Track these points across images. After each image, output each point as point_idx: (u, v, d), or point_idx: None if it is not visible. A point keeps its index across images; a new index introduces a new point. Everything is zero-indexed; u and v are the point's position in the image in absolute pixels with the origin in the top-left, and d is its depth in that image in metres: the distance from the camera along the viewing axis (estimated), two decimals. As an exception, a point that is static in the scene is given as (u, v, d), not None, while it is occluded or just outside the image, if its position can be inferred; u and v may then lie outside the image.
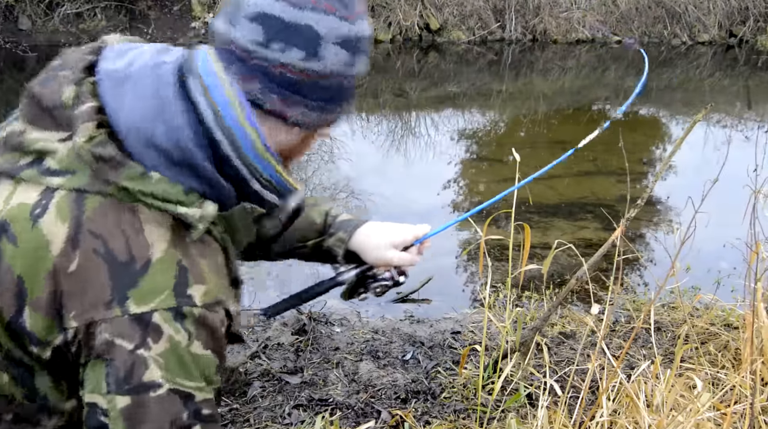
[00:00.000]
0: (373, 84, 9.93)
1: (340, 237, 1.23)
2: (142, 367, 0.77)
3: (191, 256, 0.81)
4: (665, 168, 2.18)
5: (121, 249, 0.77)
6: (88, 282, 0.77)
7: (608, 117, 8.73)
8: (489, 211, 5.53)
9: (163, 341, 0.77)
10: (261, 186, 0.87)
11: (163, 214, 0.80)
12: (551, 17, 13.33)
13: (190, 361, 0.79)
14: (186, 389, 0.80)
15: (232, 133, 0.81)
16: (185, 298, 0.79)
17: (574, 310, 3.44)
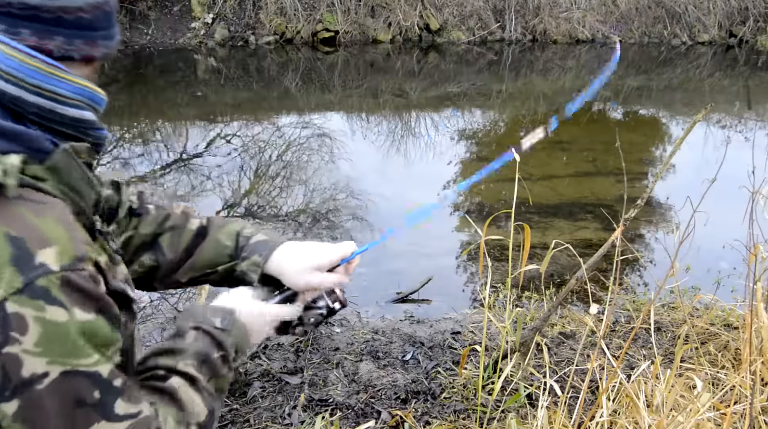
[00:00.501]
0: (373, 84, 9.93)
1: (254, 261, 1.09)
2: (15, 364, 0.67)
3: (22, 221, 0.70)
4: (665, 168, 2.18)
5: None
6: None
7: (608, 116, 8.73)
8: (489, 211, 5.53)
9: (32, 328, 0.67)
10: (70, 107, 0.78)
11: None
12: (551, 17, 13.34)
13: (75, 336, 0.70)
14: (82, 368, 0.71)
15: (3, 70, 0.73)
16: (35, 270, 0.68)
17: (574, 311, 3.44)
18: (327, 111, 8.41)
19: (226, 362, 0.94)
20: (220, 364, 0.93)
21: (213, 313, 0.97)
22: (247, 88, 9.42)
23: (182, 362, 0.89)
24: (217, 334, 0.94)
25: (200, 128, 7.21)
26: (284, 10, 11.84)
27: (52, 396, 0.69)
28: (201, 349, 0.91)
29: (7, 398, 0.67)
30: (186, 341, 0.92)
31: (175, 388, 0.86)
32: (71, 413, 0.70)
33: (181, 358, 0.89)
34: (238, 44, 11.57)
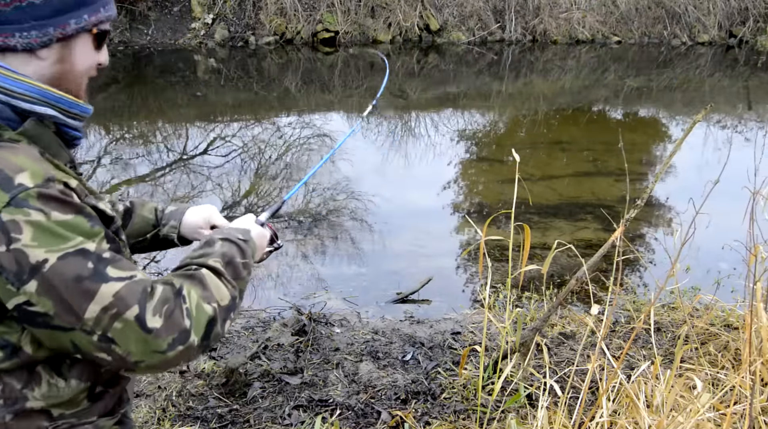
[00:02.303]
0: (372, 84, 9.93)
1: (172, 225, 1.42)
2: (24, 255, 0.89)
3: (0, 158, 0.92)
4: (665, 168, 2.18)
5: None
6: None
7: (608, 116, 8.74)
8: (489, 211, 5.53)
9: (25, 228, 0.89)
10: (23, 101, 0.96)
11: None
12: (551, 18, 13.34)
13: (58, 228, 0.91)
14: (72, 249, 0.92)
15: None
16: (15, 188, 0.90)
17: (574, 311, 3.44)
18: (327, 111, 8.41)
19: (246, 268, 1.16)
20: (241, 268, 1.14)
21: (236, 230, 1.22)
22: (247, 88, 9.42)
23: (212, 259, 1.10)
24: (241, 244, 1.17)
25: (200, 128, 7.22)
26: (284, 11, 11.85)
27: (57, 275, 0.90)
28: (227, 252, 1.13)
29: (27, 280, 0.89)
30: (215, 247, 1.14)
31: (203, 274, 1.06)
32: (76, 285, 0.91)
33: (210, 257, 1.11)
34: (238, 44, 11.57)
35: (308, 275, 3.94)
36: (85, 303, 0.91)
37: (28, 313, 0.91)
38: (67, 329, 0.92)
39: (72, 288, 0.90)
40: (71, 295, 0.90)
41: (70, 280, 0.90)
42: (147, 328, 0.93)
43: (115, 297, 0.92)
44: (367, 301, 3.60)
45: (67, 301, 0.90)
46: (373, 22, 12.33)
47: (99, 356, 0.94)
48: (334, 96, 9.19)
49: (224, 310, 1.04)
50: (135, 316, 0.93)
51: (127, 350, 0.93)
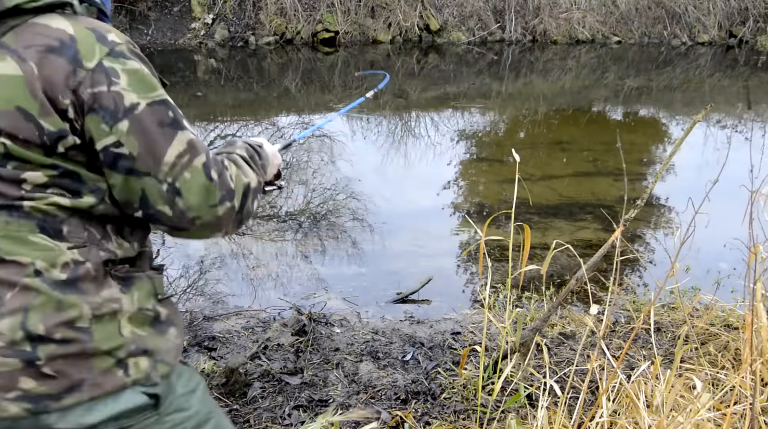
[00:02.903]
0: (372, 85, 9.93)
1: None
2: (121, 97, 1.03)
3: (89, 22, 1.07)
4: (665, 168, 2.18)
5: (51, 41, 1.02)
6: (51, 72, 1.01)
7: (608, 117, 8.74)
8: (489, 211, 5.53)
9: (122, 74, 1.04)
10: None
11: (48, 13, 1.05)
12: (551, 18, 13.34)
13: (146, 78, 1.06)
14: (158, 98, 1.07)
15: None
16: (110, 42, 1.05)
17: (574, 311, 3.44)
18: (327, 111, 8.41)
19: (264, 169, 1.31)
20: (260, 167, 1.28)
21: (251, 140, 1.34)
22: (248, 88, 9.42)
23: (237, 150, 1.25)
24: (258, 149, 1.31)
25: (200, 128, 7.22)
26: (284, 11, 11.85)
27: (146, 117, 1.05)
28: (248, 149, 1.27)
29: (121, 119, 1.03)
30: (237, 145, 1.27)
31: (234, 156, 1.21)
32: (160, 128, 1.06)
33: (235, 149, 1.26)
34: (238, 45, 11.57)
35: (308, 275, 3.94)
36: (165, 146, 1.05)
37: (114, 154, 1.04)
38: (143, 174, 1.05)
39: (157, 131, 1.05)
40: (156, 136, 1.04)
41: (156, 123, 1.05)
42: (210, 176, 1.08)
43: (189, 143, 1.07)
44: (367, 301, 3.60)
45: (152, 141, 1.04)
46: (373, 22, 12.33)
47: (160, 210, 1.08)
48: (334, 96, 9.19)
49: (253, 190, 1.19)
50: (203, 164, 1.08)
51: (188, 203, 1.07)
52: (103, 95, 1.02)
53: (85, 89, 1.02)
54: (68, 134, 1.03)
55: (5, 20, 1.03)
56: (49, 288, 1.03)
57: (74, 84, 1.01)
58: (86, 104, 1.02)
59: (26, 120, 1.01)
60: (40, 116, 1.01)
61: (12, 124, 1.01)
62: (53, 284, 1.04)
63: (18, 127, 1.01)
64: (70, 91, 1.01)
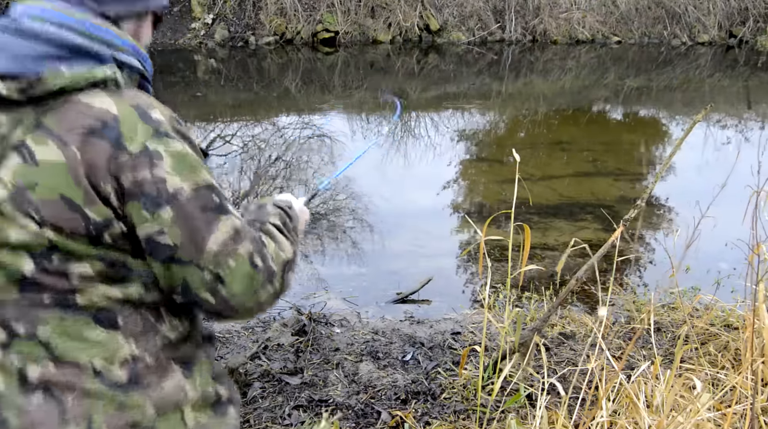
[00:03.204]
0: (373, 85, 9.94)
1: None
2: (164, 182, 0.97)
3: (133, 97, 1.02)
4: (665, 169, 2.18)
5: (93, 123, 0.97)
6: (94, 156, 0.96)
7: (607, 117, 8.73)
8: (489, 211, 5.53)
9: (166, 157, 0.98)
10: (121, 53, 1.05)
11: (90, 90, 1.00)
12: (551, 18, 13.34)
13: (190, 160, 1.00)
14: (203, 182, 1.01)
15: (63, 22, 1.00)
16: (155, 122, 0.99)
17: (574, 311, 3.44)
18: (327, 111, 8.41)
19: (296, 232, 1.23)
20: (292, 230, 1.21)
21: (280, 201, 1.28)
22: (247, 88, 9.42)
23: (271, 218, 1.18)
24: (289, 211, 1.24)
25: (200, 129, 7.21)
26: (284, 11, 11.85)
27: (190, 203, 0.98)
28: (280, 215, 1.21)
29: (163, 206, 0.97)
30: (268, 209, 1.22)
31: (270, 228, 1.15)
32: (204, 214, 0.99)
33: (268, 216, 1.19)
34: (238, 45, 11.57)
35: (308, 275, 3.94)
36: (209, 233, 0.99)
37: (156, 244, 0.99)
38: (185, 262, 0.99)
39: (200, 217, 0.99)
40: (199, 223, 0.99)
41: (200, 209, 0.99)
42: (255, 264, 1.03)
43: (233, 230, 1.02)
44: (367, 301, 3.60)
45: (195, 229, 0.98)
46: (373, 22, 12.33)
47: (203, 297, 1.02)
48: (334, 96, 9.19)
49: (291, 262, 1.13)
50: (248, 252, 1.02)
51: (231, 292, 1.01)
52: (145, 181, 0.96)
53: (127, 174, 0.96)
54: (113, 222, 0.98)
55: (47, 100, 0.98)
56: (110, 390, 1.01)
57: (116, 169, 0.96)
58: (127, 190, 0.97)
59: (71, 210, 0.96)
60: (85, 205, 0.97)
61: (57, 214, 0.96)
62: (114, 386, 1.01)
63: (63, 218, 0.97)
64: (112, 177, 0.96)
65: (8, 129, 0.98)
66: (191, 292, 1.02)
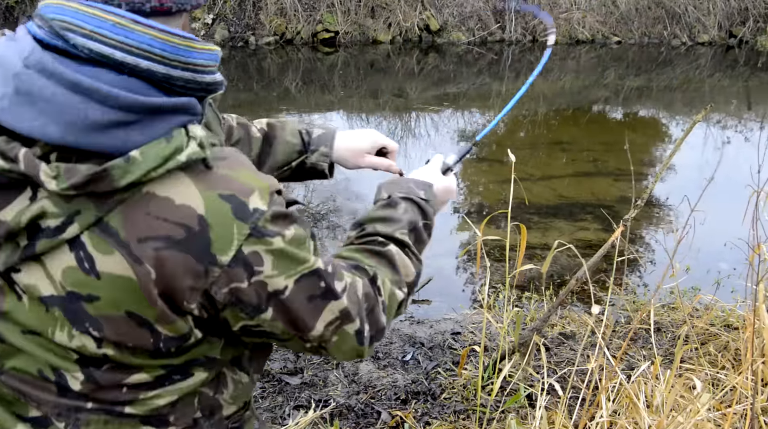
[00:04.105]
0: (373, 85, 9.94)
1: (323, 152, 1.29)
2: (264, 286, 0.82)
3: (225, 180, 0.80)
4: (665, 169, 2.18)
5: (173, 230, 0.76)
6: (176, 274, 0.78)
7: (607, 117, 8.73)
8: (489, 211, 5.53)
9: (266, 258, 0.81)
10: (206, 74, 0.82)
11: (170, 175, 0.77)
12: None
13: (292, 249, 0.83)
14: (307, 270, 0.85)
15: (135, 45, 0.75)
16: (253, 216, 0.80)
17: (574, 311, 3.44)
18: (327, 111, 8.41)
19: (428, 229, 1.11)
20: (423, 230, 1.09)
21: (416, 185, 1.14)
22: (248, 88, 9.42)
23: (399, 231, 1.04)
24: (423, 205, 1.11)
25: (200, 129, 7.21)
26: (284, 11, 11.85)
27: (294, 298, 0.84)
28: (411, 219, 1.07)
29: (264, 309, 0.84)
30: (398, 211, 1.07)
31: (393, 253, 1.01)
32: (309, 304, 0.86)
33: (397, 227, 1.05)
34: (238, 45, 11.57)
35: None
36: (313, 321, 0.87)
37: (252, 332, 0.87)
38: (287, 340, 0.89)
39: (305, 308, 0.85)
40: (303, 314, 0.86)
41: (307, 298, 0.85)
42: (363, 341, 0.92)
43: (341, 313, 0.88)
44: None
45: (297, 318, 0.86)
46: (373, 23, 12.33)
47: (303, 352, 0.95)
48: (334, 96, 9.19)
49: (410, 286, 1.03)
50: (355, 331, 0.90)
51: (334, 355, 0.92)
52: (242, 291, 0.81)
53: (220, 289, 0.80)
54: (191, 336, 0.84)
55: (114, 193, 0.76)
56: None
57: (205, 285, 0.79)
58: (220, 303, 0.82)
59: (139, 326, 0.81)
60: (157, 323, 0.81)
61: (121, 332, 0.81)
62: None
63: (128, 335, 0.82)
64: (200, 293, 0.80)
65: (58, 220, 0.75)
66: (287, 347, 0.94)
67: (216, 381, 0.94)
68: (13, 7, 9.63)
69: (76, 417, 0.87)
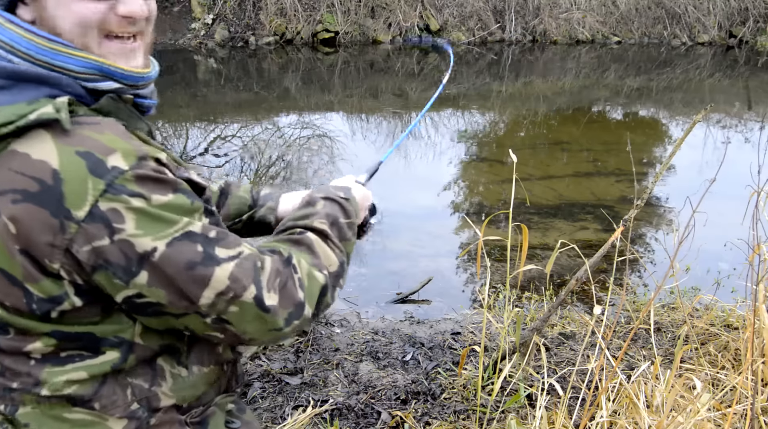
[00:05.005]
0: (372, 84, 9.94)
1: (269, 206, 1.34)
2: (130, 245, 0.81)
3: (85, 139, 0.81)
4: (665, 169, 2.18)
5: (28, 183, 0.78)
6: (33, 228, 0.79)
7: (607, 117, 8.73)
8: (489, 212, 5.53)
9: (127, 216, 0.80)
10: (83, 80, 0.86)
11: (32, 131, 0.80)
12: (551, 18, 13.34)
13: (161, 212, 0.82)
14: (179, 232, 0.84)
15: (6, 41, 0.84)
16: (110, 172, 0.80)
17: (574, 311, 3.44)
18: (327, 111, 8.41)
19: (351, 228, 1.11)
20: (346, 228, 1.10)
21: (335, 188, 1.17)
22: (248, 88, 9.42)
23: (317, 221, 1.06)
24: (343, 203, 1.13)
25: (200, 129, 7.22)
26: (284, 11, 11.85)
27: (168, 263, 0.82)
28: (330, 212, 1.09)
29: (136, 272, 0.82)
30: (317, 207, 1.09)
31: (311, 239, 1.02)
32: (188, 272, 0.84)
33: (314, 218, 1.06)
34: (238, 45, 11.57)
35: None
36: (200, 289, 0.85)
37: (137, 304, 0.86)
38: (180, 315, 0.87)
39: (184, 275, 0.84)
40: (184, 282, 0.84)
41: (182, 267, 0.83)
42: (265, 308, 0.89)
43: (230, 279, 0.86)
44: (367, 301, 3.60)
45: (181, 288, 0.84)
46: (373, 23, 12.33)
47: (212, 335, 0.91)
48: (334, 96, 9.19)
49: (333, 276, 1.02)
50: (253, 297, 0.88)
51: (242, 330, 0.90)
52: (105, 249, 0.80)
53: (80, 247, 0.80)
54: (64, 299, 0.84)
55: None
56: None
57: (63, 243, 0.79)
58: (87, 264, 0.81)
59: (12, 284, 0.82)
60: (26, 281, 0.82)
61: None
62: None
63: (3, 292, 0.83)
64: (60, 251, 0.80)
65: None
66: (197, 334, 0.92)
67: (151, 372, 0.94)
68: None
69: (11, 397, 0.90)
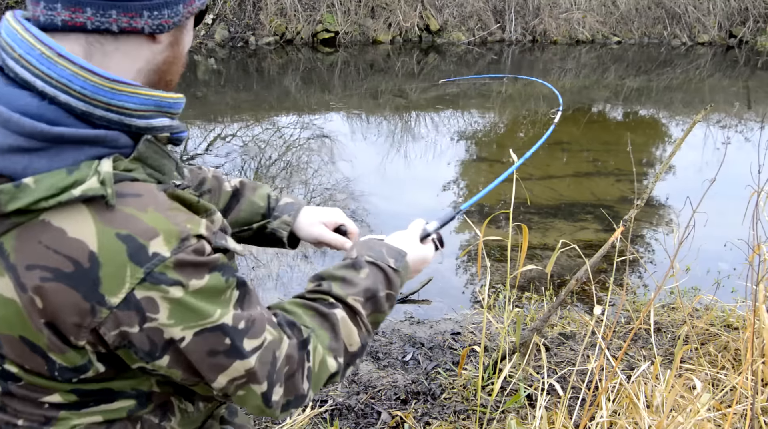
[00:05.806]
0: (373, 85, 9.94)
1: (285, 220, 1.26)
2: (158, 334, 0.78)
3: (127, 219, 0.76)
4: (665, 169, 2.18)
5: (61, 262, 0.74)
6: (62, 308, 0.75)
7: (607, 117, 8.73)
8: (489, 212, 5.53)
9: (162, 306, 0.77)
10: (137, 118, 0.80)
11: (70, 205, 0.74)
12: (551, 18, 13.34)
13: (196, 301, 0.79)
14: (210, 324, 0.81)
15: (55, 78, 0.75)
16: (151, 260, 0.75)
17: (574, 311, 3.44)
18: (327, 111, 8.41)
19: (390, 299, 1.04)
20: (384, 300, 1.02)
21: (389, 251, 1.08)
22: (248, 88, 9.42)
23: (352, 296, 0.98)
24: (390, 274, 1.04)
25: (200, 129, 7.22)
26: (284, 11, 11.85)
27: (193, 350, 0.80)
28: (371, 286, 1.01)
29: (159, 357, 0.80)
30: (360, 275, 1.01)
31: (338, 318, 0.96)
32: (210, 358, 0.82)
33: (352, 291, 0.99)
34: (238, 45, 11.57)
35: (308, 275, 3.94)
36: (216, 374, 0.83)
37: (150, 372, 0.84)
38: (191, 385, 0.87)
39: (205, 361, 0.82)
40: (203, 367, 0.82)
41: (204, 354, 0.81)
42: (269, 403, 0.88)
43: (247, 372, 0.85)
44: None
45: (198, 371, 0.83)
46: (373, 23, 12.33)
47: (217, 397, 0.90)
48: (334, 96, 9.19)
49: (351, 355, 0.98)
50: (262, 393, 0.87)
51: (241, 405, 0.90)
52: (133, 335, 0.77)
53: (108, 331, 0.77)
54: (89, 368, 0.82)
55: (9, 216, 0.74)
56: None
57: (92, 324, 0.76)
58: (111, 343, 0.79)
59: (33, 352, 0.80)
60: (50, 351, 0.80)
61: (17, 353, 0.81)
62: None
63: (24, 357, 0.81)
64: (88, 331, 0.77)
65: None
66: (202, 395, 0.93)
67: (162, 409, 0.94)
68: (13, 7, 9.62)
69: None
